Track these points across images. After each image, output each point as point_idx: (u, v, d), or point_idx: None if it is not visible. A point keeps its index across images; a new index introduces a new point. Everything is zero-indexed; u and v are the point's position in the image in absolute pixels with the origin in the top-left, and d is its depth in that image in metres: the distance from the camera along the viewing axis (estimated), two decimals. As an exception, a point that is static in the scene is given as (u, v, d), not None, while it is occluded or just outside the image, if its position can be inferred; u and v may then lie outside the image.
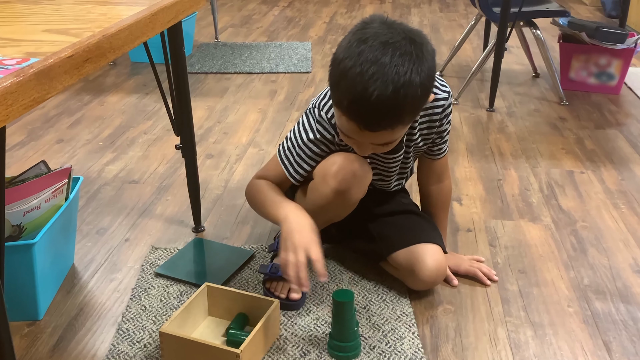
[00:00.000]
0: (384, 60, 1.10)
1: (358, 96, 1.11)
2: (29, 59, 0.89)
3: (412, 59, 1.11)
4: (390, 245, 1.45)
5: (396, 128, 1.17)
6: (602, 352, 1.29)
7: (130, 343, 1.31)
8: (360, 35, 1.14)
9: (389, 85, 1.10)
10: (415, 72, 1.11)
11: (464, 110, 2.63)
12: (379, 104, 1.11)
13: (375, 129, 1.16)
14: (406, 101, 1.12)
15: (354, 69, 1.11)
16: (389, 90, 1.10)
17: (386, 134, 1.18)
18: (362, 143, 1.24)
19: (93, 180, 2.03)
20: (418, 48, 1.13)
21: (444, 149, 1.48)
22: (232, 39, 3.79)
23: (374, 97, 1.10)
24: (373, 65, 1.10)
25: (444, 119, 1.40)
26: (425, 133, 1.41)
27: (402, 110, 1.14)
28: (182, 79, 1.57)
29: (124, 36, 1.09)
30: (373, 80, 1.10)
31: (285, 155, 1.39)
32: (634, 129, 2.44)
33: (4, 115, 0.79)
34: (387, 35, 1.13)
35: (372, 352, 1.28)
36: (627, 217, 1.80)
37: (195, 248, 1.63)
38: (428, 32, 3.93)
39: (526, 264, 1.58)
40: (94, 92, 2.86)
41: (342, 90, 1.14)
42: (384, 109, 1.12)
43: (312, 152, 1.36)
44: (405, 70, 1.10)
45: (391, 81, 1.10)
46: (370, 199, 1.52)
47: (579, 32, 2.72)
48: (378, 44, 1.12)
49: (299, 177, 1.39)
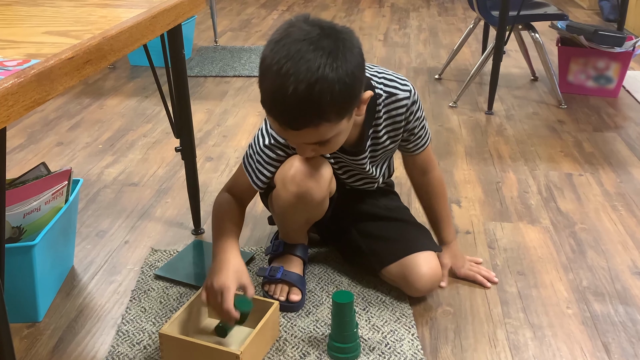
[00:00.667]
0: (296, 56, 1.08)
1: (276, 93, 1.10)
2: (29, 60, 0.89)
3: (325, 54, 1.09)
4: (381, 260, 1.46)
5: (320, 125, 1.14)
6: (601, 354, 1.30)
7: (130, 345, 1.31)
8: (278, 34, 1.14)
9: (301, 81, 1.08)
10: (330, 68, 1.09)
11: (463, 114, 2.63)
12: (295, 100, 1.09)
13: (296, 127, 1.14)
14: (322, 97, 1.09)
15: (270, 67, 1.11)
16: (302, 86, 1.08)
17: (311, 132, 1.15)
18: (299, 144, 1.23)
19: (93, 183, 2.03)
20: (334, 43, 1.11)
21: (420, 144, 1.45)
22: (231, 42, 3.80)
23: (289, 93, 1.08)
24: (287, 61, 1.08)
25: (410, 117, 1.38)
26: (392, 135, 1.40)
27: (319, 106, 1.10)
28: (181, 81, 1.57)
29: (124, 38, 1.10)
30: (287, 76, 1.08)
31: (248, 162, 1.40)
32: (632, 132, 2.44)
33: (5, 115, 0.80)
34: (303, 32, 1.11)
35: (371, 354, 1.28)
36: (626, 219, 1.81)
37: (195, 250, 1.64)
38: (427, 36, 3.94)
39: (525, 266, 1.59)
40: (93, 95, 2.87)
41: (263, 89, 1.14)
42: (300, 105, 1.09)
43: (269, 157, 1.36)
44: (318, 66, 1.08)
45: (304, 77, 1.08)
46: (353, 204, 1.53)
47: (577, 36, 2.73)
48: (292, 41, 1.11)
49: (261, 183, 1.39)
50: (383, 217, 1.52)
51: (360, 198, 1.54)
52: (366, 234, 1.50)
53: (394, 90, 1.35)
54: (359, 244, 1.49)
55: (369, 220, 1.52)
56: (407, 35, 3.98)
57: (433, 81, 3.07)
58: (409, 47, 3.70)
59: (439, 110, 2.67)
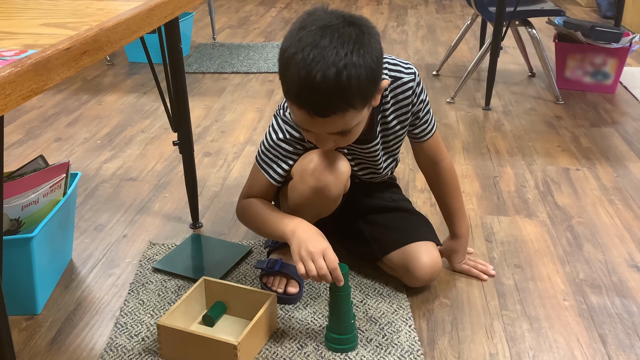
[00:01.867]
0: (323, 43, 1.10)
1: (303, 81, 1.11)
2: (27, 50, 0.90)
3: (351, 40, 1.11)
4: (384, 247, 1.46)
5: (347, 113, 1.15)
6: (598, 345, 1.30)
7: (129, 336, 1.32)
8: (299, 23, 1.15)
9: (330, 67, 1.09)
10: (357, 54, 1.11)
11: (461, 109, 2.64)
12: (324, 87, 1.10)
13: (324, 114, 1.14)
14: (351, 83, 1.10)
15: (296, 55, 1.11)
16: (331, 72, 1.09)
17: (338, 119, 1.16)
18: (320, 135, 1.23)
19: (91, 177, 2.03)
20: (358, 30, 1.13)
21: (427, 129, 1.45)
22: (230, 39, 3.80)
23: (317, 79, 1.09)
24: (313, 49, 1.10)
25: (415, 100, 1.39)
26: (401, 119, 1.40)
27: (348, 92, 1.12)
28: (179, 74, 1.58)
29: (121, 30, 1.10)
30: (315, 63, 1.09)
31: (262, 159, 1.39)
32: (629, 127, 2.45)
33: (2, 104, 0.80)
34: (326, 20, 1.13)
35: (368, 345, 1.29)
36: (623, 213, 1.81)
37: (193, 244, 1.64)
38: (425, 33, 3.95)
39: (522, 259, 1.59)
40: (92, 91, 2.87)
41: (288, 78, 1.14)
42: (329, 91, 1.10)
43: (285, 150, 1.36)
44: (346, 52, 1.10)
45: (332, 63, 1.09)
46: (360, 197, 1.53)
47: (574, 32, 2.74)
48: (316, 28, 1.12)
49: (279, 177, 1.38)
50: (387, 208, 1.53)
51: (366, 192, 1.55)
52: (370, 222, 1.50)
53: (398, 74, 1.35)
54: (363, 231, 1.50)
55: (373, 207, 1.52)
56: (405, 32, 3.99)
57: (431, 77, 3.08)
58: (407, 43, 3.70)
59: (436, 106, 2.67)
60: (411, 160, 2.11)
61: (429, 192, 1.72)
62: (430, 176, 1.53)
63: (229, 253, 1.59)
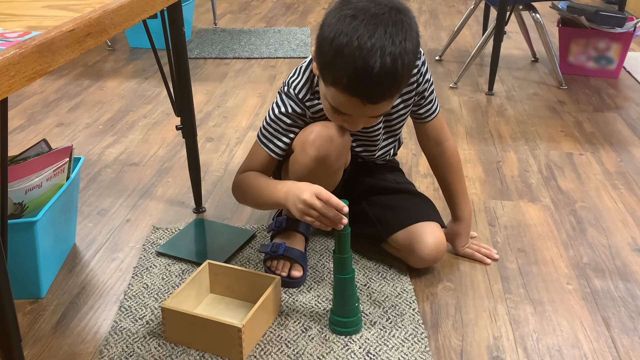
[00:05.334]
0: (379, 33, 1.12)
1: (360, 71, 1.12)
2: (30, 32, 0.89)
3: (403, 28, 1.14)
4: (389, 228, 1.46)
5: (394, 97, 1.22)
6: (601, 328, 1.30)
7: (133, 320, 1.32)
8: (347, 11, 1.15)
9: (387, 57, 1.12)
10: (409, 40, 1.15)
11: (464, 94, 2.63)
12: (382, 76, 1.13)
13: (378, 101, 1.18)
14: (404, 69, 1.16)
15: (350, 44, 1.12)
16: (388, 61, 1.12)
17: (386, 104, 1.22)
18: (356, 119, 1.26)
19: (93, 162, 2.03)
20: (405, 16, 1.16)
21: (431, 109, 1.47)
22: (231, 25, 3.78)
23: (375, 69, 1.12)
24: (369, 38, 1.12)
25: (420, 79, 1.40)
26: (405, 98, 1.42)
27: (402, 78, 1.17)
28: (182, 59, 1.57)
29: (125, 12, 1.09)
30: (372, 53, 1.11)
31: (263, 134, 1.40)
32: (632, 112, 2.44)
33: (6, 86, 0.79)
34: (375, 9, 1.15)
35: (372, 328, 1.29)
36: (626, 197, 1.81)
37: (197, 228, 1.64)
38: (427, 18, 3.93)
39: (525, 243, 1.59)
40: (93, 77, 2.86)
41: (340, 67, 1.14)
42: (386, 80, 1.14)
43: (286, 124, 1.37)
44: (400, 40, 1.13)
45: (389, 53, 1.12)
46: (363, 178, 1.53)
47: (578, 16, 2.72)
48: (369, 17, 1.13)
49: (280, 150, 1.39)
50: (391, 189, 1.53)
51: (369, 173, 1.55)
52: (374, 203, 1.51)
53: None
54: (367, 212, 1.50)
55: (377, 188, 1.53)
56: (407, 17, 3.96)
57: (434, 63, 3.06)
58: (409, 29, 3.68)
59: (439, 91, 2.66)
60: (414, 145, 2.11)
61: (432, 176, 1.72)
62: (434, 157, 1.53)
63: (233, 237, 1.59)
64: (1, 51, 0.80)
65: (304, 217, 1.22)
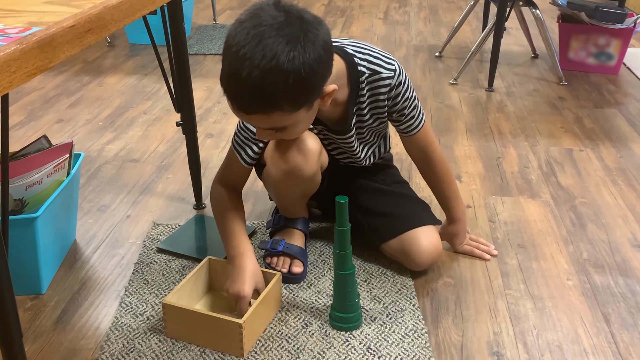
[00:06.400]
0: (254, 41, 1.06)
1: (230, 76, 1.09)
2: (31, 28, 0.89)
3: (284, 42, 1.06)
4: (381, 236, 1.46)
5: (272, 113, 1.11)
6: (601, 324, 1.31)
7: (133, 316, 1.32)
8: (243, 16, 1.12)
9: (255, 69, 1.05)
10: (286, 57, 1.05)
11: (463, 91, 2.63)
12: (246, 86, 1.07)
13: (247, 111, 1.12)
14: (274, 87, 1.06)
15: (230, 48, 1.09)
16: (254, 73, 1.05)
17: (263, 118, 1.13)
18: (256, 127, 1.22)
19: (93, 159, 2.03)
20: (297, 32, 1.07)
21: (413, 125, 1.41)
22: (231, 21, 3.77)
23: (242, 77, 1.06)
24: (246, 45, 1.06)
25: (397, 98, 1.34)
26: (376, 113, 1.38)
27: (271, 95, 1.08)
28: (182, 55, 1.57)
29: (125, 8, 1.09)
30: (242, 60, 1.06)
31: (236, 140, 1.39)
32: (632, 108, 2.44)
33: (7, 81, 0.79)
34: (269, 17, 1.08)
35: (373, 324, 1.29)
36: (626, 193, 1.81)
37: (197, 224, 1.64)
38: (427, 14, 3.92)
39: (525, 239, 1.59)
40: (93, 73, 2.86)
41: (222, 67, 1.12)
42: (252, 91, 1.08)
43: (253, 133, 1.34)
44: (274, 54, 1.05)
45: (257, 65, 1.05)
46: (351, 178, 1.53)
47: (578, 12, 2.72)
48: (253, 25, 1.07)
49: (250, 159, 1.38)
50: (381, 191, 1.52)
51: (357, 172, 1.54)
52: (365, 209, 1.50)
53: (377, 68, 1.32)
54: (358, 219, 1.49)
55: (367, 194, 1.51)
56: (407, 13, 3.96)
57: (433, 59, 3.06)
58: (409, 25, 3.68)
59: (439, 87, 2.66)
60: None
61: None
62: (421, 165, 1.50)
63: (233, 233, 1.59)
64: (2, 47, 0.80)
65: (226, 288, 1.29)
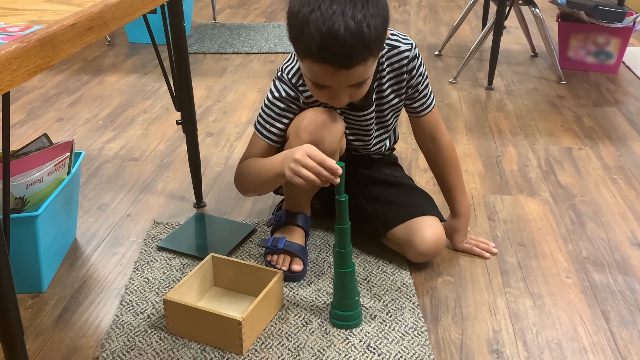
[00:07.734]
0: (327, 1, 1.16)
1: (326, 35, 1.15)
2: (32, 26, 0.89)
3: None
4: (387, 223, 1.47)
5: (368, 61, 1.21)
6: (601, 322, 1.31)
7: (134, 314, 1.32)
8: None
9: (350, 20, 1.15)
10: (372, 6, 1.17)
11: (463, 89, 2.63)
12: (348, 37, 1.15)
13: (350, 65, 1.18)
14: (370, 31, 1.17)
15: (314, 13, 1.16)
16: (352, 22, 1.15)
17: (360, 69, 1.20)
18: (337, 92, 1.25)
19: (94, 157, 2.03)
20: None
21: (426, 104, 1.46)
22: (230, 20, 3.78)
23: (341, 31, 1.14)
24: (331, 5, 1.15)
25: (413, 71, 1.41)
26: (396, 89, 1.42)
27: (369, 40, 1.17)
28: (182, 53, 1.57)
29: (126, 7, 1.09)
30: (336, 16, 1.14)
31: (259, 122, 1.43)
32: (631, 107, 2.45)
33: (9, 80, 0.80)
34: None
35: (373, 322, 1.30)
36: (625, 192, 1.81)
37: (197, 222, 1.65)
38: (427, 13, 3.93)
39: (525, 237, 1.60)
40: (92, 72, 2.86)
41: (308, 36, 1.17)
42: (353, 41, 1.15)
43: (280, 109, 1.39)
44: (362, 5, 1.16)
45: (351, 16, 1.15)
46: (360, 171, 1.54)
47: (577, 11, 2.72)
48: None
49: (275, 137, 1.41)
50: (389, 183, 1.54)
51: (366, 165, 1.56)
52: (372, 198, 1.51)
53: (395, 43, 1.39)
54: (365, 207, 1.50)
55: (375, 185, 1.53)
56: (406, 12, 3.97)
57: (433, 57, 3.06)
58: (408, 24, 3.68)
59: (439, 86, 2.67)
60: (414, 140, 2.10)
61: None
62: (429, 152, 1.53)
63: (233, 231, 1.59)
64: (3, 45, 0.80)
65: (294, 178, 1.22)
